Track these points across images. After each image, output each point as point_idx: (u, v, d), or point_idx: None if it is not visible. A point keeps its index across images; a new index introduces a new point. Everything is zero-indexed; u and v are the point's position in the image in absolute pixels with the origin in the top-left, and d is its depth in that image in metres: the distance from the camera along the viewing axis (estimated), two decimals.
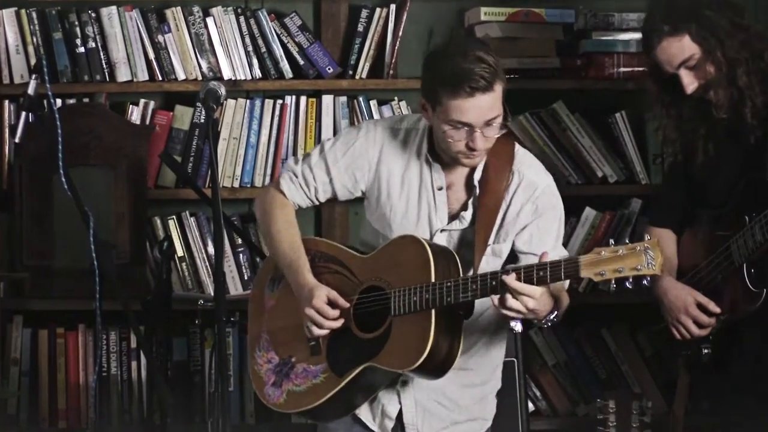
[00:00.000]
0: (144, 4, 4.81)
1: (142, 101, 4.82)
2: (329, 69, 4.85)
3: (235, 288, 4.83)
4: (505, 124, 3.47)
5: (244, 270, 4.86)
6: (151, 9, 4.80)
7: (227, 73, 4.80)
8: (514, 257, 3.57)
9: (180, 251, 4.80)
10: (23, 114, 4.20)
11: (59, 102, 4.63)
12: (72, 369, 4.77)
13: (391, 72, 4.86)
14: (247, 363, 3.84)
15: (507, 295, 3.31)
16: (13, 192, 4.71)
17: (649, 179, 4.87)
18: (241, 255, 4.86)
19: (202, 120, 4.81)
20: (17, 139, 4.25)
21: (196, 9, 4.81)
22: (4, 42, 4.73)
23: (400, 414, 3.63)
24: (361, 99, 4.87)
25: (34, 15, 4.74)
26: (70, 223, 4.51)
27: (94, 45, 4.75)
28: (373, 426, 3.65)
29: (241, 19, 4.82)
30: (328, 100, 4.85)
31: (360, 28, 4.87)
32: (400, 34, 4.85)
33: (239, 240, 4.82)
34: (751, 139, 3.79)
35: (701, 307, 3.86)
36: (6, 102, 4.76)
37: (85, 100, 4.81)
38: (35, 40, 4.73)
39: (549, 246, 3.47)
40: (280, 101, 4.85)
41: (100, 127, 4.70)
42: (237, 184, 4.85)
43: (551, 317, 3.42)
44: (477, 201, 3.55)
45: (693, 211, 3.97)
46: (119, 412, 4.78)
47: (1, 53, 4.73)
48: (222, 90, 3.65)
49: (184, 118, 4.83)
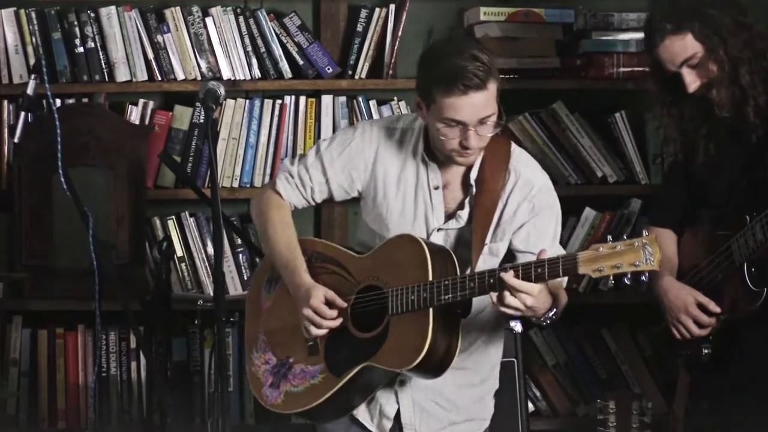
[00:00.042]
0: (143, 4, 4.80)
1: (141, 101, 4.82)
2: (328, 69, 4.85)
3: (235, 288, 4.83)
4: (500, 123, 3.47)
5: (243, 270, 4.85)
6: (151, 9, 4.80)
7: (226, 73, 4.80)
8: (511, 256, 3.56)
9: (179, 251, 4.80)
10: (22, 114, 4.21)
11: (58, 102, 4.62)
12: (71, 369, 4.76)
13: (391, 72, 4.86)
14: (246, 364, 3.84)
15: (505, 293, 3.31)
16: (13, 192, 4.70)
17: (649, 179, 4.87)
18: (241, 255, 4.86)
19: (201, 120, 4.80)
20: (16, 139, 4.25)
21: (195, 9, 4.80)
22: (3, 42, 4.72)
23: (398, 414, 3.63)
24: (361, 99, 4.86)
25: (33, 15, 4.73)
26: (69, 224, 4.51)
27: (93, 45, 4.75)
28: (371, 426, 3.64)
29: (241, 19, 4.81)
30: (327, 100, 4.85)
31: (359, 28, 4.86)
32: (399, 34, 4.85)
33: (239, 240, 4.82)
34: (753, 139, 3.78)
35: (701, 307, 3.85)
36: (5, 102, 4.75)
37: (84, 100, 4.80)
38: (34, 40, 4.72)
39: (546, 245, 3.46)
40: (279, 101, 4.85)
41: (99, 127, 4.69)
42: (236, 184, 4.84)
43: (550, 315, 3.41)
44: (473, 200, 3.54)
45: (694, 211, 3.96)
46: (119, 412, 4.78)
47: (0, 53, 4.72)
48: (221, 90, 3.64)
49: (183, 118, 4.83)
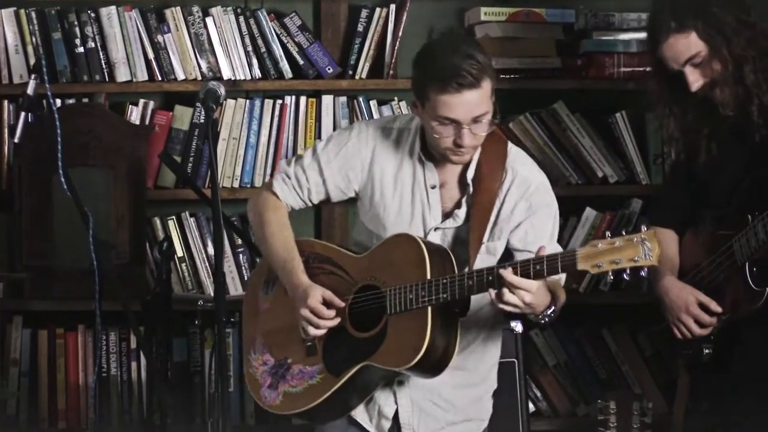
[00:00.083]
0: (143, 4, 4.80)
1: (141, 101, 4.82)
2: (329, 69, 4.85)
3: (235, 288, 4.83)
4: (495, 121, 3.46)
5: (243, 270, 4.85)
6: (151, 9, 4.80)
7: (227, 73, 4.80)
8: (509, 255, 3.56)
9: (180, 252, 4.80)
10: (22, 114, 4.21)
11: (58, 102, 4.62)
12: (72, 369, 4.76)
13: (391, 72, 4.86)
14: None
15: (504, 290, 3.30)
16: (13, 192, 4.70)
17: (650, 179, 4.86)
18: (241, 255, 4.86)
19: (201, 120, 4.80)
20: (16, 140, 4.25)
21: (195, 9, 4.80)
22: (3, 42, 4.72)
23: (396, 414, 3.62)
24: (361, 99, 4.86)
25: (33, 15, 4.73)
26: (69, 224, 4.50)
27: (93, 45, 4.75)
28: (370, 427, 3.64)
29: (241, 19, 4.81)
30: (327, 100, 4.85)
31: (360, 28, 4.86)
32: (399, 34, 4.85)
33: (239, 240, 4.82)
34: (756, 138, 3.77)
35: (703, 307, 3.85)
36: (5, 102, 4.75)
37: (85, 100, 4.80)
38: (34, 40, 4.72)
39: (544, 243, 3.44)
40: (279, 101, 4.85)
41: (99, 128, 4.69)
42: (237, 184, 4.84)
43: (548, 312, 3.41)
44: (471, 199, 3.54)
45: (695, 211, 3.96)
46: (119, 412, 4.78)
47: (1, 53, 4.72)
48: (221, 90, 3.64)
49: (183, 118, 4.83)
